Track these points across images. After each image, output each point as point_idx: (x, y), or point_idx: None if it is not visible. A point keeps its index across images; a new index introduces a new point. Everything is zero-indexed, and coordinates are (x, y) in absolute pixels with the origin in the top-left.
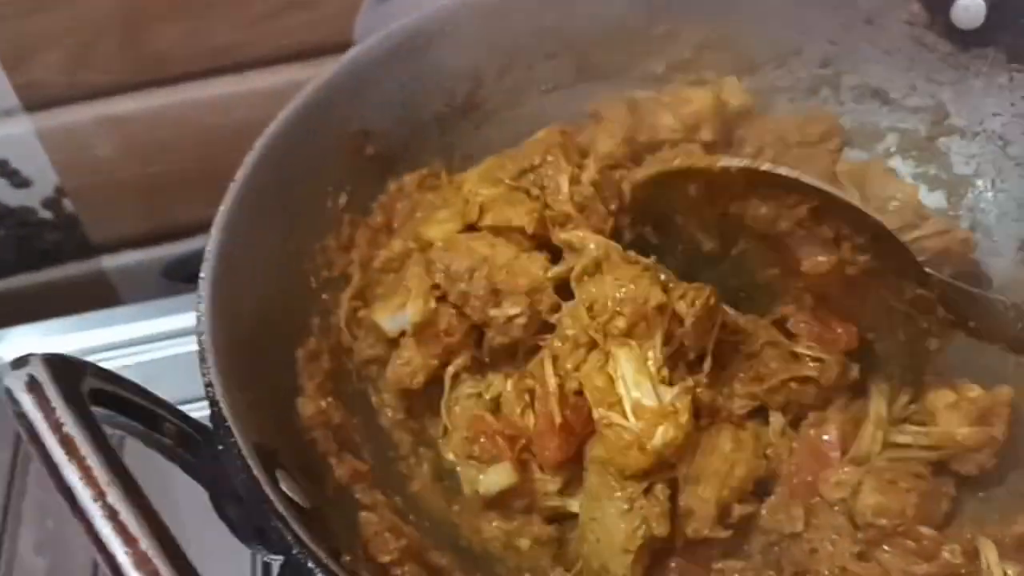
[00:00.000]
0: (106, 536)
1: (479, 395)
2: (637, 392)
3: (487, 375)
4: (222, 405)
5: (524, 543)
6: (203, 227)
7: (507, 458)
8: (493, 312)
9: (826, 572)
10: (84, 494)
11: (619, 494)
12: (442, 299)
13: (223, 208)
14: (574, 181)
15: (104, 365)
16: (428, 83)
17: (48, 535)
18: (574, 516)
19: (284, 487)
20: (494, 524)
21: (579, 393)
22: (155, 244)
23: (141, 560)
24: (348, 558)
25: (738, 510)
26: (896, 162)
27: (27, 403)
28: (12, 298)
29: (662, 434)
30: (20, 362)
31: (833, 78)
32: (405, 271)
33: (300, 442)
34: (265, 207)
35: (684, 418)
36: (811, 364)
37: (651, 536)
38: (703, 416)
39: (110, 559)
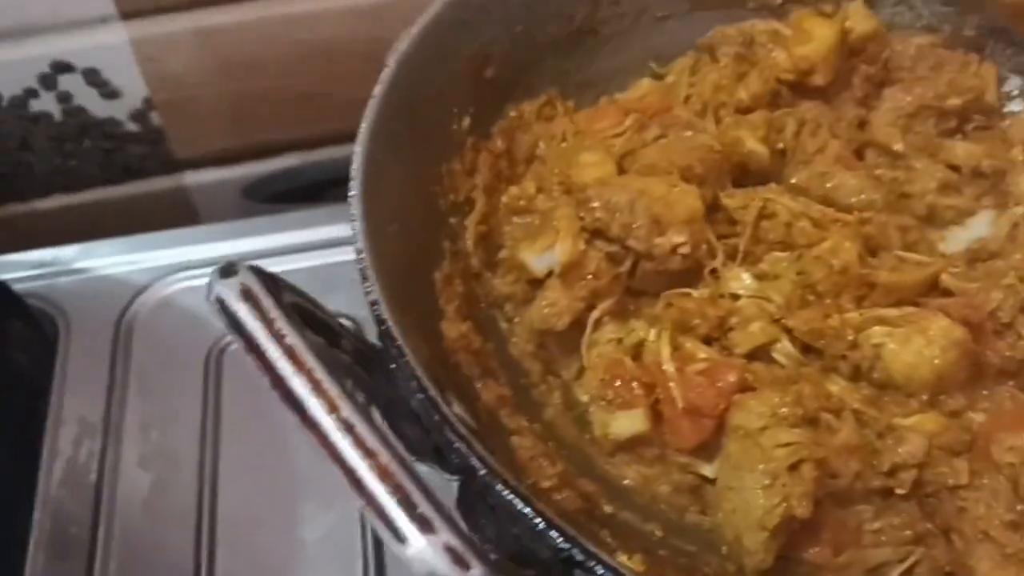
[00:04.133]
0: (344, 450)
1: (619, 341)
2: None
3: (629, 321)
4: (390, 324)
5: (664, 489)
6: (285, 148)
7: (641, 405)
8: (657, 241)
9: (967, 531)
10: (316, 406)
11: (762, 467)
12: (591, 241)
13: (364, 125)
14: None
15: (182, 286)
16: (548, 3)
17: (152, 448)
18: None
19: (456, 408)
20: (633, 467)
21: (703, 373)
22: (237, 163)
23: (384, 473)
24: (540, 487)
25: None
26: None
27: (244, 312)
28: (95, 211)
29: None
30: (229, 270)
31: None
32: (550, 213)
33: (449, 364)
34: (399, 126)
35: None
36: None
37: (791, 516)
38: None
39: (351, 472)
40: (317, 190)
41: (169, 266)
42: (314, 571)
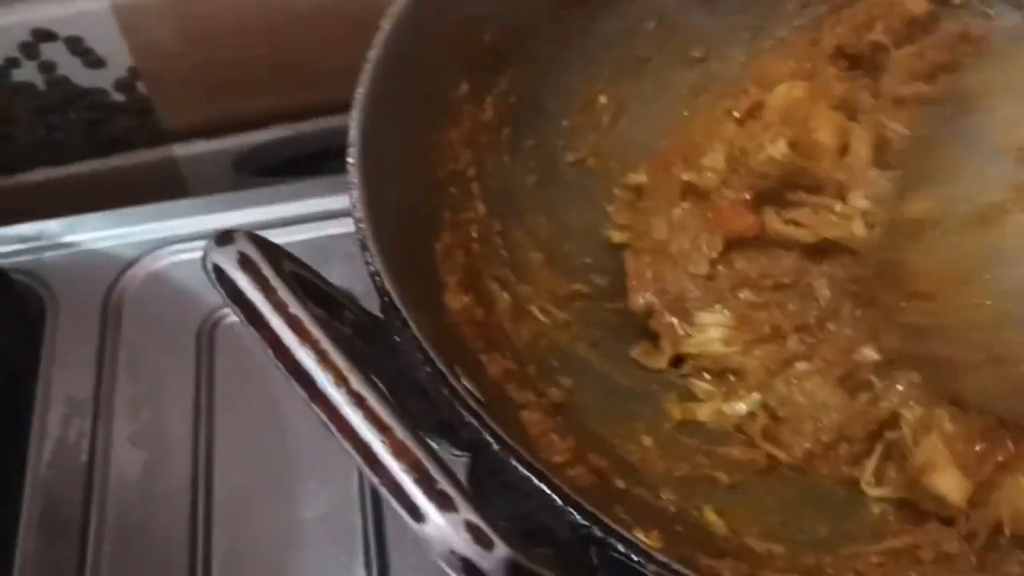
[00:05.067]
0: (356, 424)
1: None
2: None
3: None
4: (393, 295)
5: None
6: (273, 119)
7: None
8: None
9: None
10: (324, 379)
11: None
12: None
13: (361, 89)
14: None
15: (172, 260)
16: None
17: (144, 426)
18: None
19: (465, 382)
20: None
21: None
22: (227, 134)
23: (399, 449)
24: (553, 463)
25: None
26: None
27: (243, 282)
28: (81, 185)
29: None
30: (225, 238)
31: None
32: None
33: (453, 338)
34: (395, 90)
35: None
36: None
37: None
38: None
39: (363, 448)
40: (309, 162)
41: (158, 240)
42: (313, 550)
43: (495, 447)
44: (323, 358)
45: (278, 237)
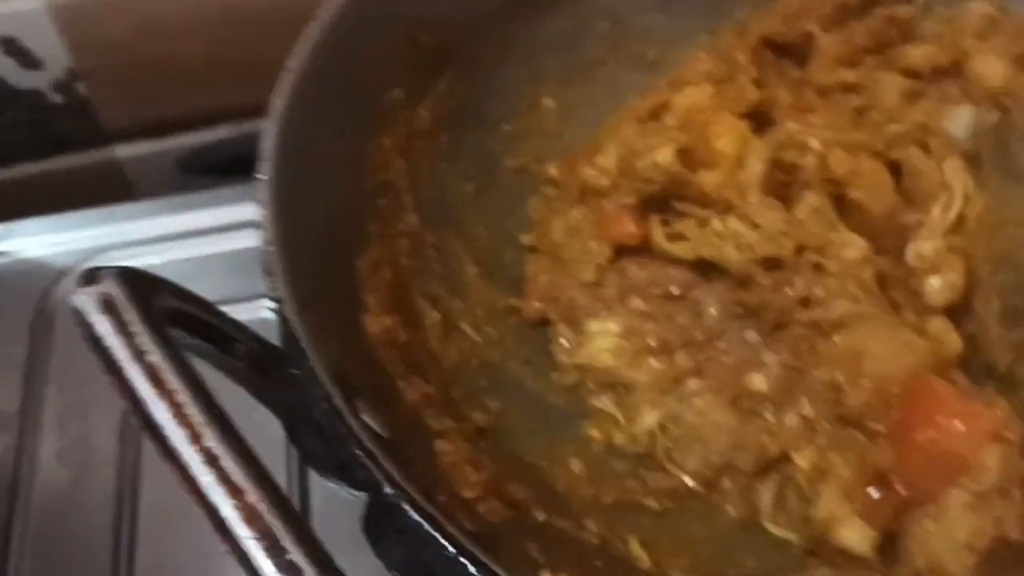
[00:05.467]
0: (206, 486)
1: None
2: None
3: None
4: (294, 325)
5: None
6: (220, 117)
7: None
8: None
9: None
10: (178, 436)
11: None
12: None
13: (279, 100)
14: None
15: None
16: None
17: (71, 442)
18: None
19: (365, 417)
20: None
21: None
22: (171, 134)
23: (251, 515)
24: (443, 498)
25: None
26: None
27: (103, 326)
28: (20, 188)
29: None
30: (90, 277)
31: None
32: None
33: (367, 363)
34: (320, 99)
35: None
36: None
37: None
38: None
39: (213, 512)
40: (253, 161)
41: (96, 247)
42: (237, 567)
43: (387, 489)
44: (178, 412)
45: (226, 243)
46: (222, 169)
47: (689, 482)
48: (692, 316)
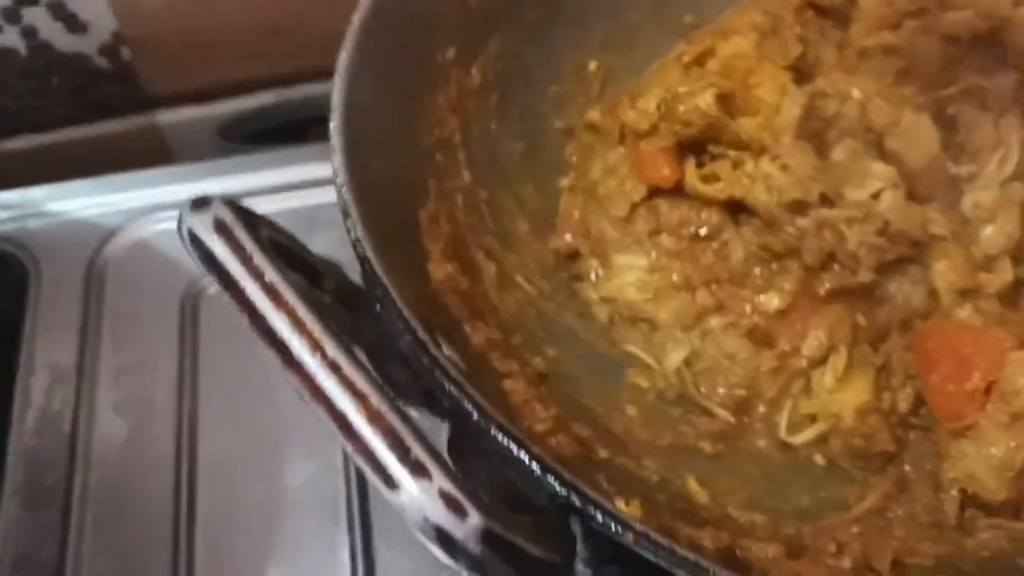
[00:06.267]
0: (331, 391)
1: None
2: None
3: None
4: (374, 263)
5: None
6: (261, 85)
7: None
8: None
9: None
10: (300, 346)
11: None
12: None
13: (344, 53)
14: None
15: (156, 228)
16: None
17: (128, 395)
18: None
19: (446, 350)
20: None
21: None
22: (212, 101)
23: (374, 416)
24: (534, 431)
25: None
26: None
27: (219, 247)
28: (63, 152)
29: None
30: (201, 203)
31: None
32: None
33: (436, 306)
34: (380, 56)
35: None
36: None
37: None
38: None
39: (339, 416)
40: (295, 129)
41: (142, 208)
42: (297, 517)
43: (475, 415)
44: (298, 325)
45: (263, 205)
46: (262, 136)
47: (721, 412)
48: (718, 257)
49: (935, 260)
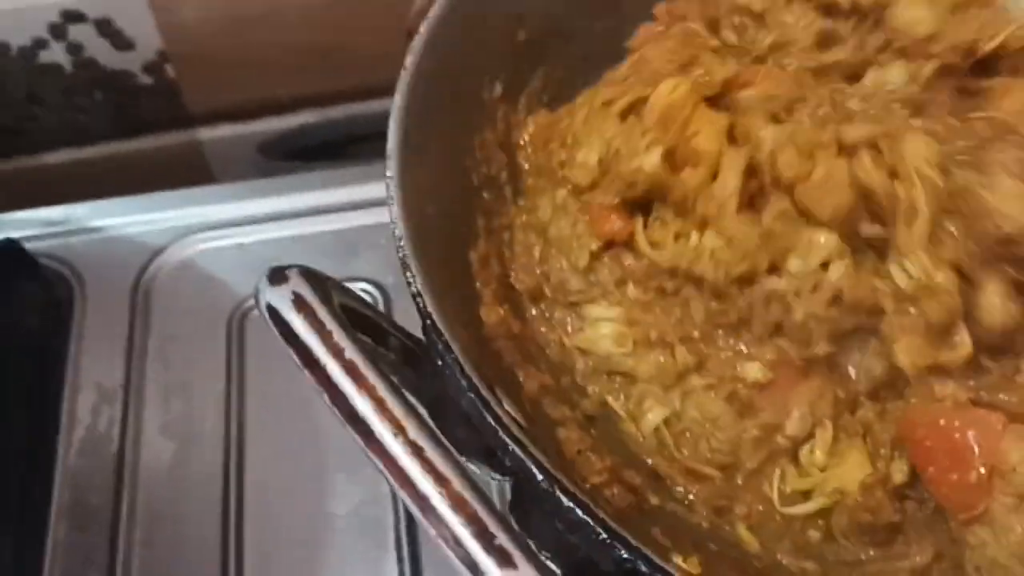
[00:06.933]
0: (415, 475)
1: None
2: None
3: None
4: (435, 319)
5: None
6: (302, 103)
7: None
8: None
9: None
10: (383, 429)
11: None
12: None
13: (398, 97)
14: None
15: (202, 247)
16: None
17: (175, 416)
18: None
19: (506, 406)
20: None
21: None
22: (253, 118)
23: (458, 502)
24: (590, 484)
25: None
26: None
27: (298, 323)
28: (103, 167)
29: None
30: (279, 276)
31: None
32: None
33: (490, 353)
34: (431, 96)
35: None
36: None
37: None
38: None
39: (422, 500)
40: (334, 147)
41: (187, 227)
42: (345, 545)
43: (539, 477)
44: (381, 406)
45: (308, 226)
46: (303, 154)
47: (708, 471)
48: (685, 314)
49: (893, 341)
